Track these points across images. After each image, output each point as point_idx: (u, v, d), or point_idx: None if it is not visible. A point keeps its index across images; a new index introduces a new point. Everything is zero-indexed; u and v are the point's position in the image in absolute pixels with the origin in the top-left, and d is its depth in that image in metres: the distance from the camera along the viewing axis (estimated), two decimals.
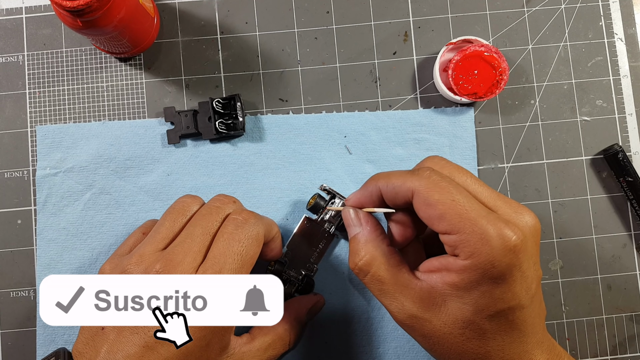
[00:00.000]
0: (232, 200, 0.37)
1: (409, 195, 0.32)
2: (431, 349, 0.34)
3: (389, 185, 0.34)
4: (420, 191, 0.31)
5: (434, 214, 0.31)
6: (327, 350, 0.43)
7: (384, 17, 0.46)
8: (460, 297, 0.31)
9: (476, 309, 0.31)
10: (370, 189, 0.35)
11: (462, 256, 0.30)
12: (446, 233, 0.31)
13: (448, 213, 0.30)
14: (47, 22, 0.46)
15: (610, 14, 0.46)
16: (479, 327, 0.31)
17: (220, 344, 0.34)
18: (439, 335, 0.32)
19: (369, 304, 0.44)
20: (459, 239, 0.30)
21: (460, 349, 0.32)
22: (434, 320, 0.32)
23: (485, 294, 0.30)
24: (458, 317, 0.31)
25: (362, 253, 0.35)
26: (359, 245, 0.35)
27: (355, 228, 0.36)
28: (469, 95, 0.43)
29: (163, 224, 0.36)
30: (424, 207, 0.31)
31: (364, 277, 0.35)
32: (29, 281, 0.44)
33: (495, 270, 0.30)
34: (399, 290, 0.33)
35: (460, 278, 0.31)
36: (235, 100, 0.43)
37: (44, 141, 0.44)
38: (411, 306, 0.33)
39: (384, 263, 0.34)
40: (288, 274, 0.42)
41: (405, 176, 0.33)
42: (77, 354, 0.32)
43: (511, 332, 0.31)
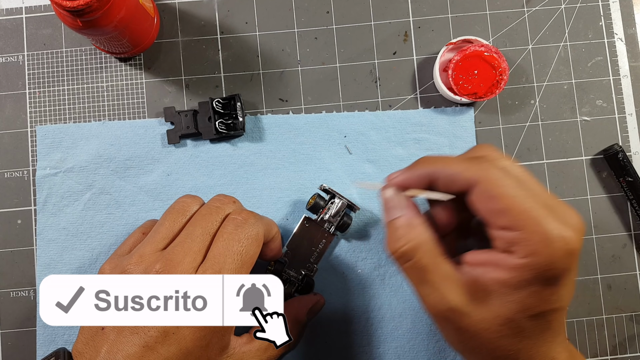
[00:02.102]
0: (231, 200, 0.37)
1: (468, 185, 0.31)
2: (462, 342, 0.33)
3: (446, 171, 0.32)
4: (484, 182, 0.30)
5: (495, 207, 0.30)
6: (327, 350, 0.43)
7: (384, 17, 0.46)
8: (506, 294, 0.30)
9: (520, 308, 0.30)
10: (420, 171, 0.33)
11: (518, 254, 0.29)
12: (505, 229, 0.30)
13: (512, 209, 0.29)
14: (47, 22, 0.46)
15: (610, 14, 0.46)
16: (517, 326, 0.30)
17: (220, 344, 0.34)
18: (475, 330, 0.31)
19: (369, 304, 0.44)
20: (519, 237, 0.29)
21: (493, 344, 0.31)
22: (473, 315, 0.31)
23: (534, 295, 0.30)
24: (499, 314, 0.30)
25: (408, 238, 0.32)
26: (403, 229, 0.33)
27: (397, 210, 0.33)
28: (469, 95, 0.43)
29: (163, 224, 0.36)
30: (484, 199, 0.30)
31: (404, 263, 0.33)
32: (29, 281, 0.44)
33: (552, 272, 0.29)
34: (441, 280, 0.31)
35: (511, 276, 0.30)
36: (235, 100, 0.43)
37: (44, 141, 0.44)
38: (452, 298, 0.31)
39: (429, 251, 0.32)
40: (288, 274, 0.42)
41: (466, 164, 0.31)
42: (77, 354, 0.32)
43: (546, 332, 0.31)
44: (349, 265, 0.44)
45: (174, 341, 0.32)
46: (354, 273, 0.44)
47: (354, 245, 0.44)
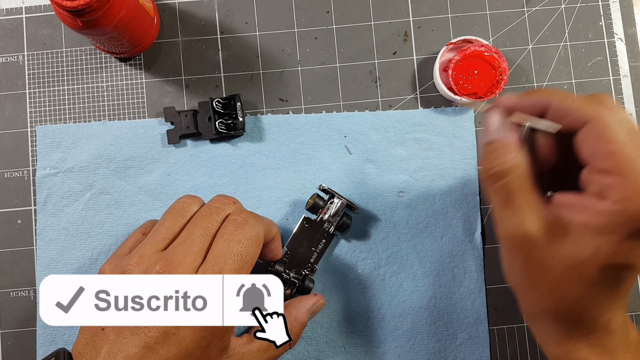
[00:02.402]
0: (232, 201, 0.37)
1: (581, 122, 0.30)
2: (523, 275, 0.32)
3: (563, 103, 0.31)
4: (597, 122, 0.30)
5: (602, 149, 0.29)
6: (327, 350, 0.43)
7: (384, 17, 0.46)
8: (585, 237, 0.30)
9: (594, 254, 0.30)
10: (535, 98, 0.33)
11: (611, 199, 0.29)
12: (604, 172, 0.30)
13: (618, 153, 0.29)
14: (47, 22, 0.46)
15: (610, 14, 0.46)
16: (586, 272, 0.30)
17: (220, 344, 0.34)
18: (542, 264, 0.31)
19: (369, 304, 0.44)
20: (618, 182, 0.29)
21: (554, 284, 0.31)
22: (546, 248, 0.31)
23: (613, 244, 0.29)
24: (572, 255, 0.30)
25: (503, 159, 0.32)
26: (501, 150, 0.32)
27: (501, 132, 0.33)
28: (469, 95, 0.43)
29: (163, 225, 0.36)
30: (593, 138, 0.30)
31: (496, 181, 0.32)
32: (29, 281, 0.44)
33: (639, 224, 0.29)
34: (524, 206, 0.31)
35: (597, 220, 0.29)
36: (235, 100, 0.43)
37: (44, 141, 0.44)
38: (531, 226, 0.31)
39: (521, 176, 0.31)
40: (288, 275, 0.42)
41: (583, 101, 0.31)
42: (77, 355, 0.32)
43: (611, 290, 0.31)
44: (349, 265, 0.44)
45: (174, 342, 0.32)
46: (354, 273, 0.44)
47: (354, 245, 0.44)
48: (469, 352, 0.44)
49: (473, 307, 0.44)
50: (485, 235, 0.45)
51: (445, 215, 0.45)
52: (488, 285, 0.44)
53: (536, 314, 0.33)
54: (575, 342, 0.32)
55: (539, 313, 0.33)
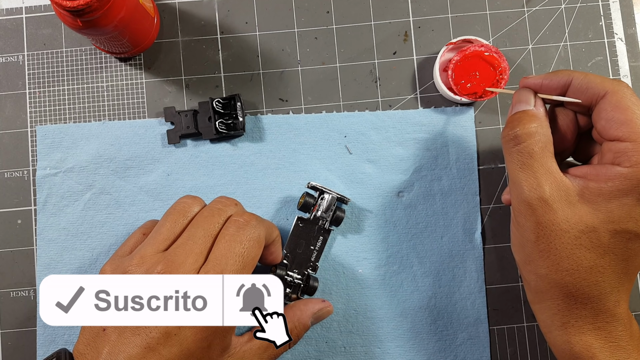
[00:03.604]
0: (233, 203, 0.37)
1: (600, 94, 0.33)
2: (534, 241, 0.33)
3: (584, 80, 0.34)
4: (616, 93, 0.32)
5: (619, 117, 0.32)
6: (327, 350, 0.43)
7: (384, 17, 0.46)
8: (597, 202, 0.32)
9: (606, 219, 0.32)
10: (560, 76, 0.35)
11: (625, 164, 0.31)
12: (618, 139, 0.32)
13: (633, 121, 0.31)
14: (47, 22, 0.46)
15: (610, 14, 0.46)
16: (598, 239, 0.32)
17: (221, 344, 0.34)
18: (554, 229, 0.32)
19: (369, 304, 0.44)
20: (631, 147, 0.31)
21: (564, 252, 0.32)
22: (559, 212, 0.32)
23: (624, 207, 0.31)
24: (585, 219, 0.32)
25: (527, 124, 0.34)
26: (530, 117, 0.34)
27: (529, 105, 0.35)
28: (469, 95, 0.43)
29: (164, 225, 0.36)
30: (611, 108, 0.32)
31: (517, 144, 0.34)
32: (29, 281, 0.44)
33: None
34: (542, 170, 0.33)
35: (609, 184, 0.31)
36: (235, 100, 0.43)
37: (44, 141, 0.44)
38: (546, 189, 0.32)
39: (542, 141, 0.34)
40: (292, 277, 0.42)
41: (603, 77, 0.34)
42: (78, 355, 0.32)
43: (620, 260, 0.32)
44: (349, 265, 0.44)
45: (176, 342, 0.32)
46: (354, 273, 0.44)
47: (354, 245, 0.44)
48: (469, 352, 0.44)
49: (473, 307, 0.44)
50: (485, 235, 0.45)
51: (445, 215, 0.45)
52: (488, 285, 0.45)
53: (543, 291, 0.34)
54: (581, 325, 0.33)
55: (547, 289, 0.34)
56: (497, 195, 0.45)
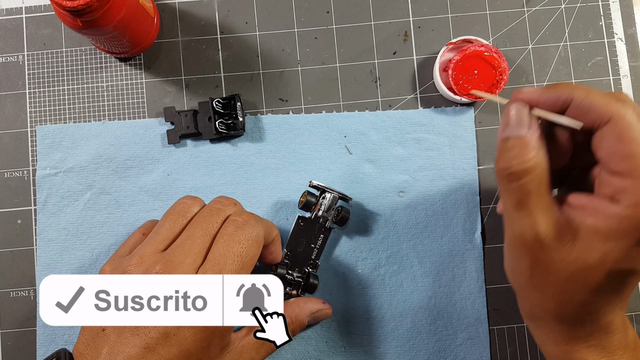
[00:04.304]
0: (232, 202, 0.37)
1: (603, 120, 0.29)
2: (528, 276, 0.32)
3: (587, 99, 0.30)
4: (619, 121, 0.29)
5: (620, 149, 0.29)
6: (327, 350, 0.43)
7: (384, 17, 0.46)
8: (594, 242, 0.29)
9: (603, 260, 0.29)
10: (560, 93, 0.31)
11: (624, 203, 0.28)
12: (619, 174, 0.29)
13: (638, 156, 0.28)
14: (47, 22, 0.46)
15: (610, 14, 0.46)
16: (593, 277, 0.30)
17: (221, 343, 0.34)
18: (549, 267, 0.30)
19: (369, 303, 0.44)
20: (631, 185, 0.28)
21: (559, 287, 0.31)
22: (555, 252, 0.30)
23: (622, 250, 0.29)
24: (579, 259, 0.30)
25: (522, 159, 0.30)
26: (520, 149, 0.30)
27: (522, 128, 0.31)
28: (469, 95, 0.43)
29: (163, 225, 0.36)
30: (613, 138, 0.29)
31: (512, 181, 0.31)
32: (29, 281, 0.44)
33: None
34: (539, 208, 0.30)
35: (607, 224, 0.29)
36: (235, 100, 0.43)
37: (44, 141, 0.44)
38: (543, 229, 0.30)
39: (539, 177, 0.30)
40: (292, 275, 0.42)
41: (608, 98, 0.30)
42: (78, 355, 0.32)
43: (615, 294, 0.31)
44: (349, 265, 0.44)
45: (175, 342, 0.32)
46: (354, 273, 0.44)
47: (354, 245, 0.44)
48: (469, 352, 0.44)
49: (473, 307, 0.44)
50: (485, 235, 0.45)
51: (445, 215, 0.45)
52: (488, 285, 0.45)
53: (537, 315, 0.33)
54: (575, 344, 0.32)
55: (540, 315, 0.33)
56: (496, 195, 0.45)
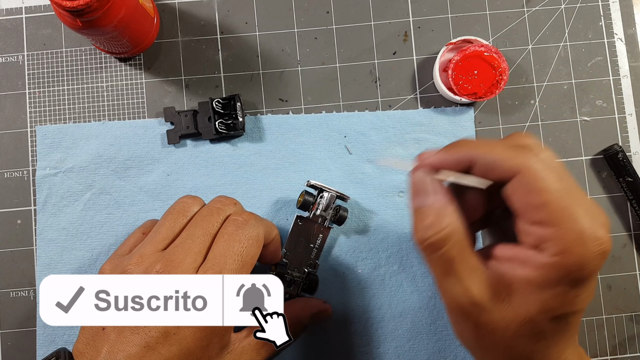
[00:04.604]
0: (232, 202, 0.37)
1: (510, 175, 0.29)
2: (476, 339, 0.31)
3: (488, 157, 0.30)
4: (528, 174, 0.28)
5: (534, 201, 0.28)
6: (328, 350, 0.43)
7: (384, 17, 0.46)
8: (530, 294, 0.29)
9: (542, 309, 0.29)
10: (459, 155, 0.31)
11: (549, 252, 0.28)
12: (538, 224, 0.28)
13: (552, 204, 0.28)
14: (47, 22, 0.46)
15: (610, 14, 0.46)
16: (537, 327, 0.29)
17: (220, 343, 0.34)
18: (493, 328, 0.30)
19: (370, 303, 0.44)
20: (553, 234, 0.28)
21: (508, 343, 0.30)
22: (494, 312, 0.30)
23: (559, 296, 0.28)
24: (520, 314, 0.29)
25: (438, 227, 0.30)
26: (434, 217, 0.30)
27: (429, 196, 0.31)
28: (469, 95, 0.43)
29: (163, 225, 0.36)
30: (524, 191, 0.28)
31: (432, 253, 0.30)
32: (29, 281, 0.44)
33: (581, 273, 0.28)
34: (466, 273, 0.30)
35: (538, 274, 0.28)
36: (235, 100, 0.43)
37: (44, 141, 0.44)
38: (476, 292, 0.29)
39: (460, 241, 0.30)
40: (291, 275, 0.42)
41: (509, 152, 0.29)
42: (77, 354, 0.32)
43: (563, 335, 0.30)
44: (349, 265, 0.44)
45: (175, 341, 0.32)
46: (354, 273, 0.44)
47: (354, 245, 0.44)
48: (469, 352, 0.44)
49: None
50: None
51: None
52: None
53: None
54: None
55: None
56: None
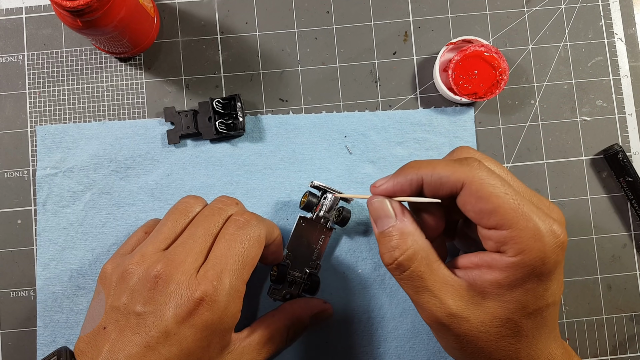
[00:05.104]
0: (234, 202, 0.37)
1: (457, 187, 0.31)
2: (461, 349, 0.33)
3: (434, 175, 0.31)
4: (473, 183, 0.30)
5: (485, 207, 0.30)
6: (328, 350, 0.43)
7: (384, 17, 0.46)
8: (502, 295, 0.30)
9: (517, 307, 0.30)
10: (409, 177, 0.32)
11: (510, 253, 0.29)
12: (494, 228, 0.30)
13: (502, 207, 0.29)
14: (47, 22, 0.46)
15: (610, 14, 0.46)
16: (515, 325, 0.31)
17: (221, 343, 0.34)
18: (474, 334, 0.31)
19: (370, 303, 0.44)
20: (510, 235, 0.29)
21: (492, 346, 0.31)
22: (472, 319, 0.31)
23: (529, 292, 0.30)
24: (497, 315, 0.31)
25: (403, 247, 0.32)
26: (398, 238, 0.32)
27: (389, 220, 0.33)
28: (469, 95, 0.43)
29: (165, 224, 0.36)
30: (474, 200, 0.30)
31: (401, 273, 0.32)
32: (29, 281, 0.44)
33: (545, 267, 0.29)
34: (438, 287, 0.32)
35: (505, 275, 0.30)
36: (235, 100, 0.43)
37: (44, 141, 0.44)
38: (451, 304, 0.31)
39: (425, 258, 0.32)
40: (293, 275, 0.42)
41: (452, 167, 0.31)
42: (79, 353, 0.33)
43: (542, 329, 0.31)
44: (349, 266, 0.44)
45: (175, 342, 0.32)
46: (354, 273, 0.44)
47: (354, 245, 0.44)
48: None
49: None
50: None
51: None
52: None
53: None
54: None
55: None
56: None
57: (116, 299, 0.33)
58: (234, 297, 0.33)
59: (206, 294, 0.32)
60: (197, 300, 0.32)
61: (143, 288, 0.33)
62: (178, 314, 0.32)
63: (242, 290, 0.34)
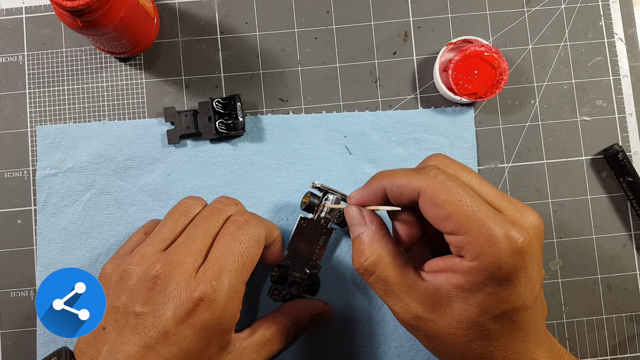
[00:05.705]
0: (234, 202, 0.37)
1: (415, 195, 0.32)
2: (434, 349, 0.34)
3: (394, 184, 0.33)
4: (427, 191, 0.31)
5: (440, 214, 0.30)
6: (328, 350, 0.43)
7: (384, 17, 0.46)
8: (466, 298, 0.31)
9: (481, 310, 0.31)
10: (374, 187, 0.34)
11: (468, 257, 0.30)
12: (452, 234, 0.31)
13: (455, 214, 0.30)
14: (47, 22, 0.46)
15: (610, 14, 0.46)
16: (483, 328, 0.31)
17: (220, 343, 0.34)
18: (443, 336, 0.32)
19: (370, 303, 0.44)
20: (466, 240, 0.30)
21: (463, 349, 0.32)
22: (439, 321, 0.32)
23: (491, 296, 0.30)
24: (463, 318, 0.31)
25: (368, 253, 0.34)
26: (364, 245, 0.34)
27: (360, 227, 0.35)
28: (469, 95, 0.43)
29: (165, 225, 0.36)
30: (430, 207, 0.31)
31: (368, 277, 0.34)
32: (29, 281, 0.44)
33: (502, 272, 0.29)
34: (404, 290, 0.33)
35: (466, 279, 0.30)
36: (235, 100, 0.43)
37: (44, 141, 0.44)
38: (416, 307, 0.32)
39: (390, 263, 0.33)
40: (293, 276, 0.42)
41: (410, 175, 0.32)
42: (78, 353, 0.33)
43: (514, 332, 0.31)
44: (349, 266, 0.44)
45: (175, 342, 0.32)
46: (354, 273, 0.44)
47: None
48: None
49: None
50: None
51: None
52: None
53: None
54: None
55: None
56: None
57: (115, 299, 0.33)
58: (233, 297, 0.33)
59: (205, 294, 0.32)
60: (196, 301, 0.32)
61: (142, 288, 0.33)
62: (177, 314, 0.32)
63: (241, 291, 0.34)
